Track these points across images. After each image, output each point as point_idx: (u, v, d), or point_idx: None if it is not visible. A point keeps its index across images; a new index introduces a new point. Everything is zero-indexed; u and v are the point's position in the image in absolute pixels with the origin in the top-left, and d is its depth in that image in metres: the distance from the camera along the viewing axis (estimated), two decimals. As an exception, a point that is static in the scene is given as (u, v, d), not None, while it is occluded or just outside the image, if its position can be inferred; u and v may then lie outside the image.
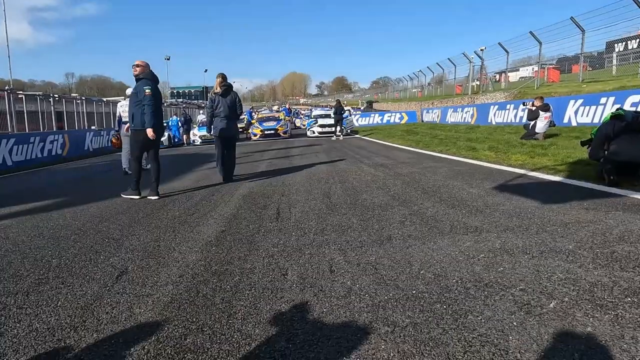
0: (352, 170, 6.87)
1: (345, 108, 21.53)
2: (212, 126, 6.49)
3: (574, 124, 12.12)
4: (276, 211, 4.19)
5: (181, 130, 20.11)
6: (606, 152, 4.51)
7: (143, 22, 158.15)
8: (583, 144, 5.31)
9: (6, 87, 15.91)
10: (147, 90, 5.15)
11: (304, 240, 3.15)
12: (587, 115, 11.78)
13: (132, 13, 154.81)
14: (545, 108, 9.39)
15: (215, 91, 6.47)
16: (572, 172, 5.22)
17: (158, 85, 5.52)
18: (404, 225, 3.34)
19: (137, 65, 5.30)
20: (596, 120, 11.41)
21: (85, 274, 2.71)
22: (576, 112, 12.16)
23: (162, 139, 15.66)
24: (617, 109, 4.73)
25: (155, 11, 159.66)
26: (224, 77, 6.53)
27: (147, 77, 5.33)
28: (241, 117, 8.99)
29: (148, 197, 5.41)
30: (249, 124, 20.45)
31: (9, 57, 28.82)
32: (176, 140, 20.04)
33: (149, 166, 6.04)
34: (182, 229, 3.72)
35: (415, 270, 2.40)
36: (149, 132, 5.17)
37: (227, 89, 6.45)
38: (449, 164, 7.04)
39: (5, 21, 28.90)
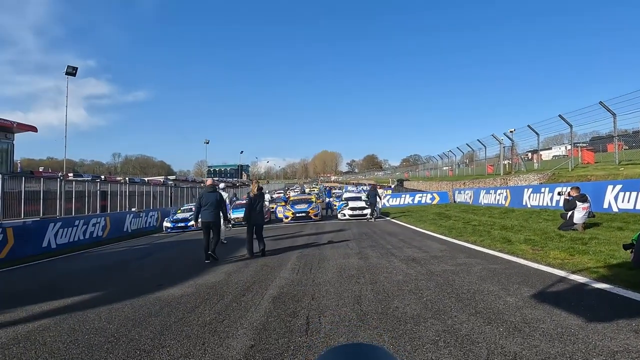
0: (383, 267, 6.78)
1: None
2: (249, 217, 9.00)
3: (614, 209, 11.68)
4: (306, 320, 4.14)
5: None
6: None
7: (185, 107, 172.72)
8: (626, 247, 5.10)
9: (59, 174, 17.24)
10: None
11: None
12: (628, 202, 11.38)
13: (177, 99, 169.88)
14: (583, 199, 9.16)
15: (255, 193, 9.18)
16: (616, 277, 4.94)
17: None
18: (438, 347, 3.21)
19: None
20: (638, 207, 10.98)
21: (116, 399, 2.72)
22: (616, 198, 11.78)
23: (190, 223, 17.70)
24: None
25: (197, 97, 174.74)
26: (259, 187, 9.47)
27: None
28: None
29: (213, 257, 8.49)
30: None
31: (65, 141, 31.64)
32: None
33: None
34: (212, 340, 3.72)
35: (451, 414, 2.28)
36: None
37: (260, 193, 9.28)
38: (483, 260, 6.84)
39: (67, 110, 32.21)
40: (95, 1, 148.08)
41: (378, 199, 18.15)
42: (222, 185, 14.68)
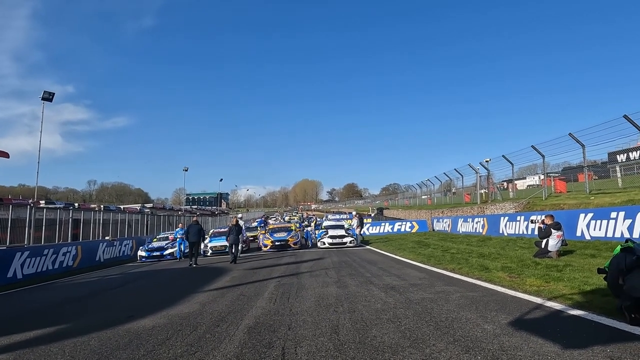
0: (362, 295, 6.69)
1: (355, 219, 21.76)
2: (228, 239, 14.44)
3: (587, 237, 11.96)
4: (281, 351, 4.00)
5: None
6: (623, 286, 4.36)
7: (165, 134, 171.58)
8: (600, 272, 5.16)
9: (30, 201, 16.67)
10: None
11: (308, 395, 2.95)
12: (599, 229, 11.67)
13: (157, 126, 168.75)
14: (557, 226, 9.37)
15: (232, 225, 14.72)
16: (591, 304, 5.00)
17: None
18: (416, 377, 3.14)
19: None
20: (609, 235, 11.27)
21: None
22: (588, 226, 12.08)
23: (173, 250, 19.18)
24: (627, 240, 4.69)
25: (177, 124, 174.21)
26: (237, 220, 15.32)
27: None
28: (245, 236, 18.65)
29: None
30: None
31: (37, 168, 30.77)
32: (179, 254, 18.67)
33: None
34: (182, 374, 3.54)
35: None
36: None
37: (237, 224, 14.75)
38: (461, 288, 6.84)
39: (41, 135, 31.49)
40: (76, 28, 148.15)
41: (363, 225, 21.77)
42: (240, 215, 24.85)
